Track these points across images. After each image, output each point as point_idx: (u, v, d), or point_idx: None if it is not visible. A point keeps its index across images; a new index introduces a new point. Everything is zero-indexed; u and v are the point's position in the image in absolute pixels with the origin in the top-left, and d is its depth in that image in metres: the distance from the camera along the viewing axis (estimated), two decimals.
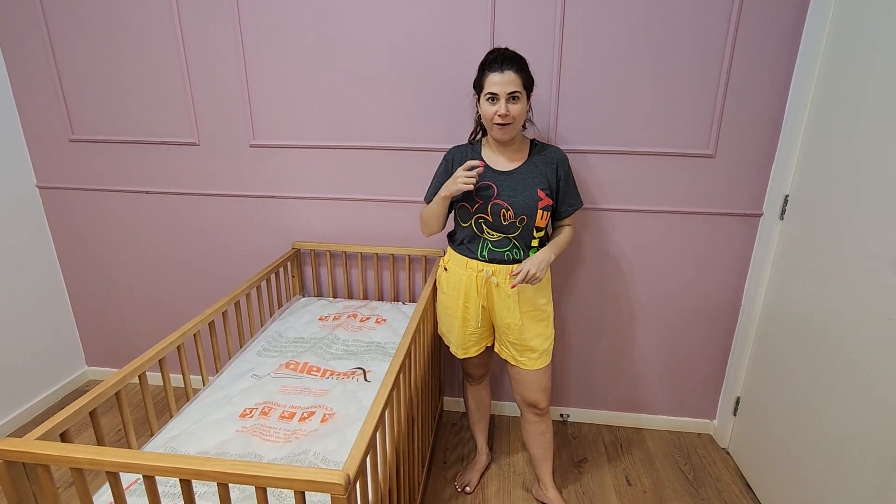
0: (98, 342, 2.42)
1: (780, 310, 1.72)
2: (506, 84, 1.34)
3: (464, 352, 1.64)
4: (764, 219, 1.82)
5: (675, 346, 2.05)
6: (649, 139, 1.80)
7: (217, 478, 0.84)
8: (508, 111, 1.35)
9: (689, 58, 1.69)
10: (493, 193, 1.45)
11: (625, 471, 1.93)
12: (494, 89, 1.34)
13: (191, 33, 1.88)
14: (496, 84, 1.34)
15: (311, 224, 2.09)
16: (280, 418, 1.35)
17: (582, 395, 2.19)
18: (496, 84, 1.34)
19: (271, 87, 1.91)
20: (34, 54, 1.98)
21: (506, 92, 1.34)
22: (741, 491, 1.82)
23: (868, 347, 1.29)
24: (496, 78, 1.34)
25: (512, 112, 1.36)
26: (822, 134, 1.54)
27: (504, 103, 1.35)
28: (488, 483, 1.86)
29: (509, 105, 1.36)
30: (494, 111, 1.36)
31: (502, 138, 1.41)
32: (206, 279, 2.23)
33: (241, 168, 2.04)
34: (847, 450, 1.35)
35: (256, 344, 1.76)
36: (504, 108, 1.35)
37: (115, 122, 2.04)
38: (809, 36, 1.59)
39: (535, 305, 1.53)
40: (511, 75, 1.34)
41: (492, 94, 1.35)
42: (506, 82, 1.34)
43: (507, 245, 1.49)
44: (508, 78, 1.34)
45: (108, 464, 0.86)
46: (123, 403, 1.19)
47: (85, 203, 2.18)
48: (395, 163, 1.95)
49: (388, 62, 1.83)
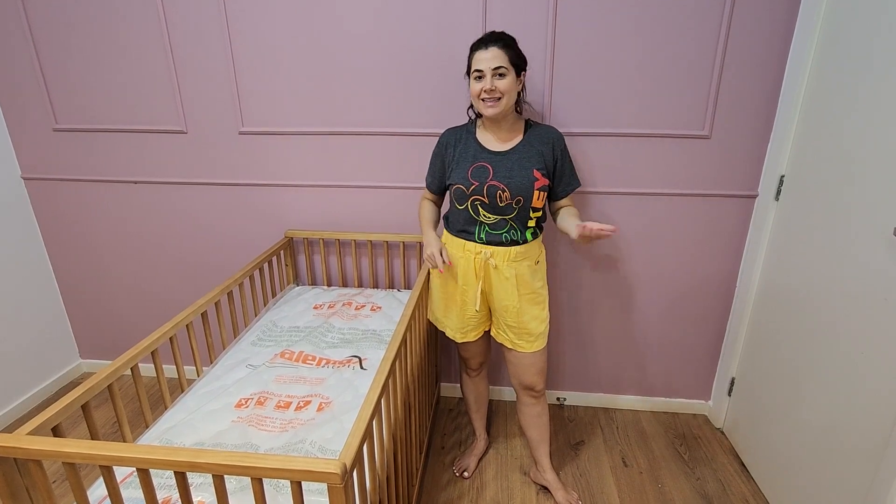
0: (91, 334, 2.40)
1: (775, 291, 1.72)
2: (490, 60, 1.35)
3: (462, 336, 1.63)
4: (759, 199, 1.81)
5: (670, 328, 2.06)
6: (644, 121, 1.78)
7: (212, 469, 0.83)
8: (495, 86, 1.36)
9: (683, 37, 1.66)
10: (488, 175, 1.43)
11: (621, 452, 1.95)
12: (480, 66, 1.37)
13: (175, 18, 1.83)
14: (481, 61, 1.37)
15: (304, 212, 2.06)
16: (276, 408, 1.35)
17: (578, 378, 2.20)
18: (481, 61, 1.37)
19: (260, 73, 1.87)
20: (14, 41, 1.92)
21: (490, 67, 1.35)
22: (736, 471, 1.85)
23: (863, 327, 1.29)
24: (481, 55, 1.37)
25: (499, 87, 1.36)
26: (817, 114, 1.53)
27: (490, 79, 1.36)
28: (486, 467, 1.88)
29: (496, 81, 1.36)
30: (481, 87, 1.37)
31: (491, 114, 1.40)
32: (199, 269, 2.20)
33: (230, 156, 2.01)
34: (841, 429, 1.36)
35: (251, 334, 1.75)
36: (490, 83, 1.36)
37: (100, 111, 1.99)
38: (805, 14, 1.57)
39: (532, 288, 1.53)
40: (496, 51, 1.36)
41: (478, 70, 1.37)
42: (490, 58, 1.35)
43: (504, 227, 1.47)
44: (493, 54, 1.36)
45: (100, 458, 0.85)
46: (116, 396, 1.18)
47: (72, 194, 2.14)
48: (388, 148, 1.92)
49: (378, 46, 1.79)
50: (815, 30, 1.53)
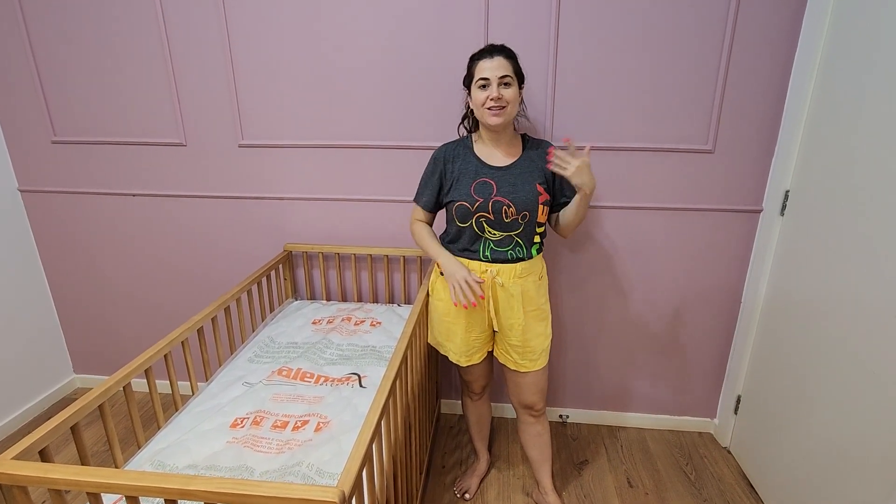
0: (86, 349, 2.36)
1: (781, 307, 1.69)
2: (496, 68, 1.33)
3: (467, 359, 1.57)
4: (764, 215, 1.79)
5: (674, 345, 2.02)
6: (647, 135, 1.76)
7: (204, 497, 0.79)
8: (501, 94, 1.34)
9: (687, 51, 1.66)
10: (492, 190, 1.41)
11: (626, 472, 1.90)
12: (486, 74, 1.34)
13: (175, 30, 1.82)
14: (487, 69, 1.34)
15: (304, 225, 2.04)
16: (273, 428, 1.31)
17: (581, 395, 2.16)
18: (487, 69, 1.34)
19: (260, 86, 1.86)
20: (12, 52, 1.92)
21: (497, 76, 1.33)
22: (744, 491, 1.80)
23: (873, 345, 1.26)
24: (486, 64, 1.34)
25: (505, 96, 1.34)
26: (822, 128, 1.51)
27: (496, 87, 1.33)
28: (488, 488, 1.83)
29: (502, 89, 1.34)
30: (486, 95, 1.35)
31: (496, 124, 1.37)
32: (196, 283, 2.17)
33: (230, 168, 1.99)
34: (852, 448, 1.32)
35: (248, 350, 1.71)
36: (496, 91, 1.33)
37: (98, 123, 1.98)
38: (809, 28, 1.56)
39: (537, 304, 1.50)
40: (501, 60, 1.34)
41: (483, 79, 1.35)
42: (496, 66, 1.33)
43: (510, 244, 1.45)
44: (499, 63, 1.34)
45: (88, 484, 0.81)
46: (108, 418, 1.14)
47: (69, 206, 2.12)
48: (388, 162, 1.91)
49: (379, 59, 1.78)
50: (819, 43, 1.52)
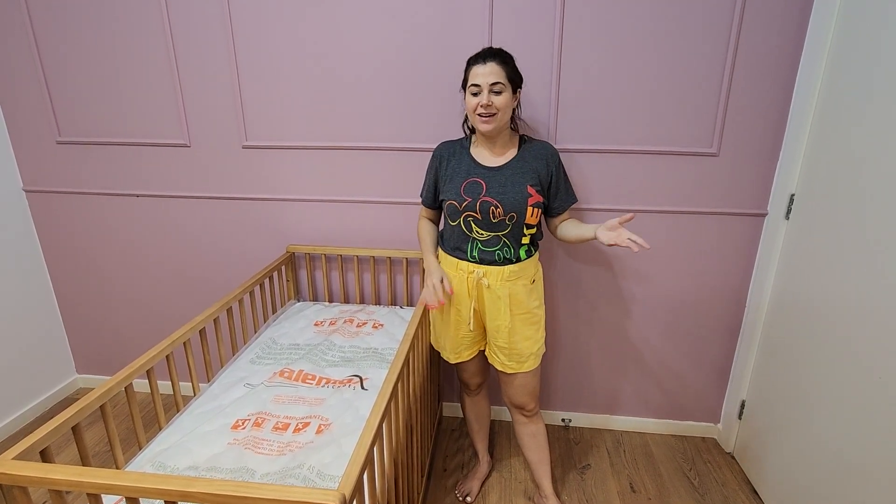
0: (88, 349, 2.36)
1: (785, 312, 1.68)
2: (488, 75, 1.33)
3: (456, 356, 1.60)
4: (769, 218, 1.78)
5: (677, 349, 2.01)
6: (651, 138, 1.75)
7: (204, 499, 0.79)
8: (491, 102, 1.33)
9: (691, 54, 1.65)
10: (481, 190, 1.41)
11: (629, 477, 1.89)
12: (478, 80, 1.34)
13: (180, 31, 1.83)
14: (479, 76, 1.34)
15: (307, 226, 2.04)
16: (274, 429, 1.30)
17: (583, 399, 2.15)
18: (479, 76, 1.34)
19: (264, 87, 1.86)
20: (18, 53, 1.93)
21: (488, 83, 1.33)
22: (748, 497, 1.78)
23: (879, 350, 1.25)
24: (479, 70, 1.34)
25: (495, 103, 1.34)
26: (827, 131, 1.50)
27: (486, 94, 1.33)
28: (489, 492, 1.82)
29: (492, 97, 1.34)
30: (477, 102, 1.35)
31: (486, 130, 1.38)
32: (200, 283, 2.17)
33: (233, 170, 1.99)
34: (858, 454, 1.31)
35: (249, 351, 1.71)
36: (486, 98, 1.33)
37: (103, 124, 1.98)
38: (814, 31, 1.55)
39: (527, 308, 1.49)
40: (493, 67, 1.33)
41: (475, 85, 1.35)
42: (488, 73, 1.33)
43: (498, 244, 1.44)
44: (491, 69, 1.33)
45: (88, 485, 0.81)
46: (109, 418, 1.14)
47: (73, 207, 2.12)
48: (391, 163, 1.90)
49: (382, 61, 1.78)
50: (825, 46, 1.51)
